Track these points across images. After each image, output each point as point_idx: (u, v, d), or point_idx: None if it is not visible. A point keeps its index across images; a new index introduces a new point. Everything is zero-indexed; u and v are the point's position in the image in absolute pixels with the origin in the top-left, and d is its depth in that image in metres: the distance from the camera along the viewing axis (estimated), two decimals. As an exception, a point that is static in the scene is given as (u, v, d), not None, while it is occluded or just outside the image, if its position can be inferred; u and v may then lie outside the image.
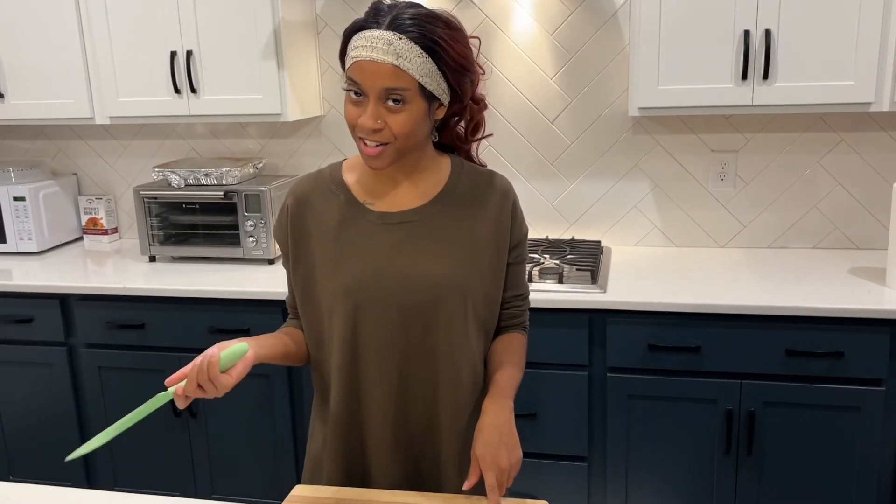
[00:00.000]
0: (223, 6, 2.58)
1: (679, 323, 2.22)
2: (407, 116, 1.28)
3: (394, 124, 1.28)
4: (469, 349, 1.41)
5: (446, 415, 1.41)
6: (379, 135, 1.29)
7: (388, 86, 1.26)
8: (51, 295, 2.64)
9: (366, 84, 1.27)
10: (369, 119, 1.27)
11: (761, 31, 2.26)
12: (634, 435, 2.32)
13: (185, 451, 2.66)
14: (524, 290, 1.54)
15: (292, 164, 3.04)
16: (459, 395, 1.41)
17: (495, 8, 2.73)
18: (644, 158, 2.75)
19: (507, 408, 1.35)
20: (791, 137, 2.64)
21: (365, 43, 1.26)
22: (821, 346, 2.15)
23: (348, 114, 1.31)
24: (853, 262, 2.52)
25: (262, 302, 2.47)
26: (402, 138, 1.29)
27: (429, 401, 1.40)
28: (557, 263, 2.49)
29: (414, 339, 1.37)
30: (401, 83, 1.26)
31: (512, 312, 1.51)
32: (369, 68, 1.25)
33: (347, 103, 1.31)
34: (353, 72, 1.27)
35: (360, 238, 1.38)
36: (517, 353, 1.48)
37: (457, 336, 1.38)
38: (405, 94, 1.26)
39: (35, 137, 3.27)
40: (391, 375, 1.39)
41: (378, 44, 1.25)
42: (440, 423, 1.41)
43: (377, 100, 1.27)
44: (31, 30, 2.75)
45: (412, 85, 1.27)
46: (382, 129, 1.28)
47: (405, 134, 1.29)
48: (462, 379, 1.41)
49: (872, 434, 2.17)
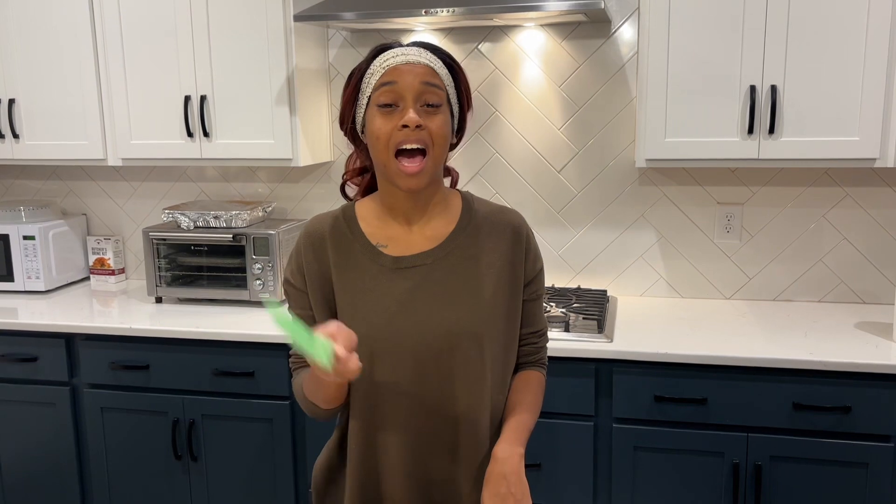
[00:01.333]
0: (238, 52, 2.63)
1: (685, 374, 2.21)
2: (444, 119, 1.33)
3: (432, 125, 1.31)
4: (487, 393, 1.39)
5: (466, 462, 1.39)
6: (420, 133, 1.29)
7: (428, 80, 1.30)
8: (56, 334, 2.64)
9: (403, 82, 1.29)
10: (414, 115, 1.29)
11: (767, 86, 2.29)
12: (640, 487, 2.29)
13: (185, 495, 2.62)
14: (541, 326, 1.52)
15: (301, 208, 3.06)
16: (479, 441, 1.39)
17: (504, 59, 2.78)
18: (650, 209, 2.77)
19: (518, 455, 1.33)
20: (796, 191, 2.66)
21: (396, 53, 1.32)
22: (828, 400, 2.14)
23: (380, 127, 1.31)
24: (860, 316, 2.52)
25: (268, 345, 2.46)
26: (438, 143, 1.32)
27: (448, 448, 1.38)
28: (564, 312, 2.49)
29: (431, 386, 1.36)
30: (437, 80, 1.32)
31: (528, 349, 1.50)
32: (406, 69, 1.30)
33: (377, 119, 1.31)
34: (388, 75, 1.30)
35: (374, 284, 1.38)
36: (533, 394, 1.46)
37: (474, 381, 1.37)
38: (440, 94, 1.32)
39: (47, 177, 3.30)
40: (409, 423, 1.37)
41: (410, 52, 1.32)
42: (460, 471, 1.39)
43: (415, 100, 1.30)
44: (48, 72, 2.80)
45: (444, 87, 1.34)
46: (423, 129, 1.30)
47: (442, 138, 1.32)
48: (481, 424, 1.39)
49: (881, 491, 2.14)
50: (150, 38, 2.69)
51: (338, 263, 1.41)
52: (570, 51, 2.73)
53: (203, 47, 2.65)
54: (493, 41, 2.78)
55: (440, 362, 1.35)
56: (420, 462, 1.39)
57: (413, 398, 1.36)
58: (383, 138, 1.30)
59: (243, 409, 2.52)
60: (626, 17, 2.67)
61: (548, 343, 1.56)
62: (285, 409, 2.49)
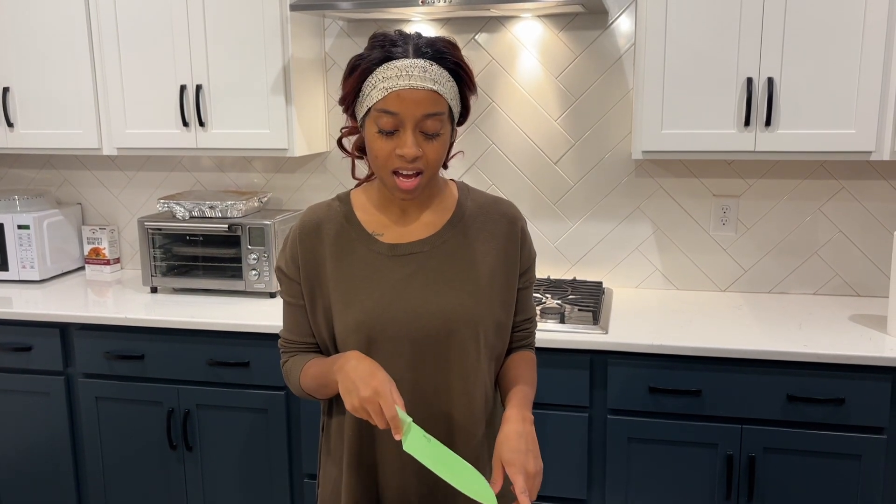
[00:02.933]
0: (234, 42, 2.62)
1: (680, 366, 2.22)
2: (441, 144, 1.31)
3: (430, 152, 1.30)
4: (482, 379, 1.41)
5: (461, 446, 1.40)
6: (417, 163, 1.29)
7: (429, 112, 1.27)
8: (50, 324, 2.64)
9: (405, 112, 1.27)
10: (412, 148, 1.28)
11: (764, 78, 2.29)
12: (634, 478, 2.30)
13: (179, 485, 2.63)
14: (532, 313, 1.56)
15: (297, 198, 3.06)
16: (474, 426, 1.41)
17: (501, 50, 2.78)
18: (646, 201, 2.77)
19: (529, 419, 1.34)
20: (792, 184, 2.66)
21: (399, 73, 1.27)
22: (822, 392, 2.14)
23: (381, 149, 1.30)
24: (854, 308, 2.53)
25: (263, 335, 2.46)
26: (434, 166, 1.32)
27: (443, 433, 1.40)
28: (559, 303, 2.49)
29: (427, 373, 1.37)
30: (438, 108, 1.28)
31: (520, 335, 1.53)
32: (409, 96, 1.26)
33: (377, 139, 1.30)
34: (390, 103, 1.27)
35: (371, 271, 1.39)
36: (529, 371, 1.48)
37: (470, 368, 1.38)
38: (441, 119, 1.29)
39: (41, 167, 3.29)
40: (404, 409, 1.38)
41: (414, 71, 1.27)
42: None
43: (414, 128, 1.28)
44: (43, 60, 2.79)
45: (446, 109, 1.30)
46: (421, 157, 1.29)
47: (439, 160, 1.32)
48: (476, 410, 1.41)
49: (874, 483, 2.15)
50: (145, 27, 2.68)
51: (333, 252, 1.41)
52: (567, 42, 2.72)
53: (199, 36, 2.64)
54: (490, 32, 2.77)
55: (436, 349, 1.37)
56: None
57: (409, 384, 1.37)
58: (381, 159, 1.31)
59: (238, 399, 2.52)
60: (624, 8, 2.66)
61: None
62: (280, 399, 2.49)
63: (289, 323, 1.49)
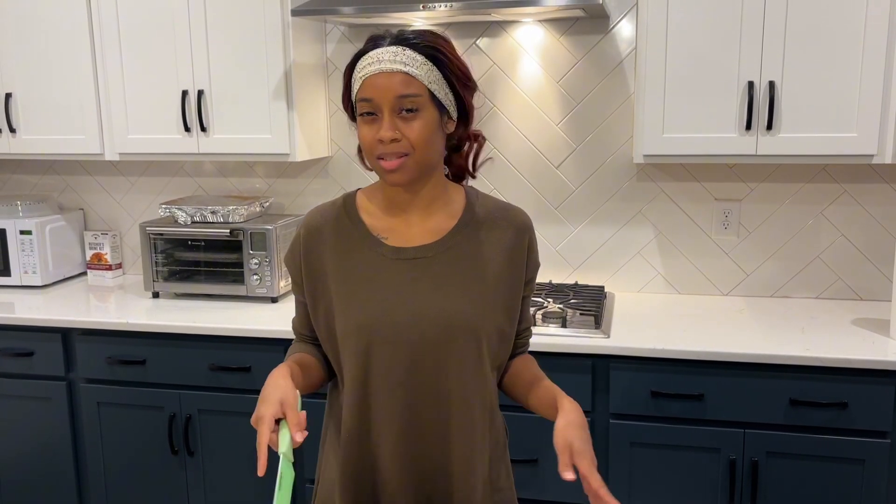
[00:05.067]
0: (236, 47, 2.62)
1: (682, 370, 2.21)
2: (422, 124, 1.31)
3: (410, 133, 1.30)
4: (482, 387, 1.40)
5: (458, 454, 1.39)
6: (397, 145, 1.30)
7: (401, 93, 1.29)
8: (52, 329, 2.64)
9: (378, 97, 1.29)
10: (387, 130, 1.29)
11: (765, 82, 2.29)
12: (637, 483, 2.30)
13: (181, 490, 2.62)
14: (531, 322, 1.58)
15: (299, 203, 3.06)
16: (472, 434, 1.39)
17: (503, 55, 2.78)
18: (648, 205, 2.76)
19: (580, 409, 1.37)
20: (794, 187, 2.66)
21: (371, 60, 1.31)
22: (825, 396, 2.14)
23: (364, 136, 1.33)
24: (856, 312, 2.52)
25: (265, 340, 2.46)
26: (419, 148, 1.31)
27: (441, 440, 1.39)
28: (561, 308, 2.49)
29: (426, 378, 1.36)
30: (412, 89, 1.30)
31: (518, 342, 1.53)
32: (380, 81, 1.29)
33: (362, 127, 1.33)
34: (365, 90, 1.31)
35: (373, 273, 1.38)
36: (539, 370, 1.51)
37: (469, 375, 1.37)
38: (417, 100, 1.30)
39: (44, 172, 3.30)
40: (402, 414, 1.37)
41: (384, 56, 1.30)
42: (452, 463, 1.39)
43: (391, 112, 1.30)
44: (45, 66, 2.80)
45: (423, 91, 1.31)
46: (400, 140, 1.30)
47: (423, 142, 1.32)
48: (475, 418, 1.39)
49: (877, 487, 2.15)
50: (147, 33, 2.68)
51: (336, 253, 1.41)
52: (568, 46, 2.72)
53: (200, 42, 2.64)
54: (491, 36, 2.78)
55: (436, 354, 1.36)
56: (413, 451, 1.39)
57: (407, 388, 1.36)
58: (366, 146, 1.34)
59: (240, 404, 2.52)
60: (625, 12, 2.67)
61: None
62: (282, 405, 2.49)
63: (296, 314, 1.53)
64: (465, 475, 1.40)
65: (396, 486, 1.40)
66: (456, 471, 1.40)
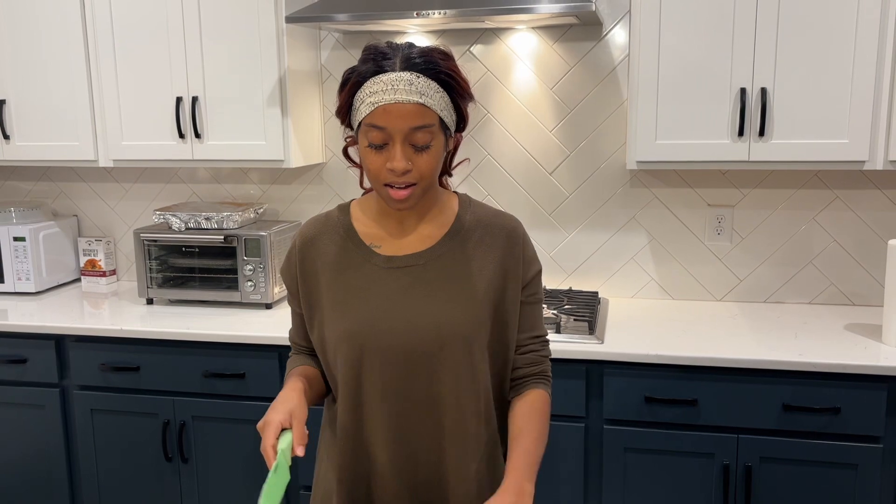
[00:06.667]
0: (230, 54, 2.63)
1: (676, 376, 2.22)
2: (432, 156, 1.31)
3: (421, 164, 1.30)
4: (476, 395, 1.39)
5: (452, 461, 1.39)
6: (408, 176, 1.30)
7: (416, 125, 1.27)
8: (46, 336, 2.63)
9: (392, 127, 1.27)
10: (401, 161, 1.28)
11: (757, 89, 2.31)
12: (630, 488, 2.30)
13: (175, 497, 2.62)
14: (542, 332, 1.49)
15: (293, 209, 3.06)
16: (466, 441, 1.39)
17: (496, 61, 2.79)
18: (641, 211, 2.77)
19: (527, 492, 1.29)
20: (787, 193, 2.67)
21: (385, 87, 1.27)
22: (818, 401, 2.15)
23: (372, 163, 1.30)
24: (849, 318, 2.54)
25: (259, 347, 2.46)
26: (427, 178, 1.32)
27: (434, 446, 1.39)
28: (555, 313, 2.49)
29: (419, 385, 1.37)
30: (426, 120, 1.28)
31: (530, 357, 1.46)
32: (395, 110, 1.26)
33: (369, 154, 1.30)
34: (377, 117, 1.27)
35: (366, 282, 1.39)
36: (539, 418, 1.41)
37: (462, 382, 1.37)
38: (431, 130, 1.29)
39: (37, 179, 3.29)
40: (395, 422, 1.38)
41: (400, 85, 1.27)
42: (446, 469, 1.40)
43: (403, 141, 1.28)
44: (39, 73, 2.80)
45: (435, 120, 1.30)
46: (411, 171, 1.30)
47: (431, 172, 1.32)
48: (468, 425, 1.39)
49: (870, 492, 2.15)
50: (141, 40, 2.69)
51: (330, 264, 1.42)
52: (561, 53, 2.74)
53: (195, 49, 2.65)
54: (485, 43, 2.79)
55: (428, 361, 1.36)
56: (408, 458, 1.39)
57: (400, 395, 1.37)
58: (373, 173, 1.32)
59: (234, 411, 2.52)
60: (618, 19, 2.68)
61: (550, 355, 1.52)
62: (276, 411, 2.49)
63: (293, 325, 1.53)
64: (458, 482, 1.40)
65: (392, 492, 1.41)
66: (450, 478, 1.40)
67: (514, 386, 1.46)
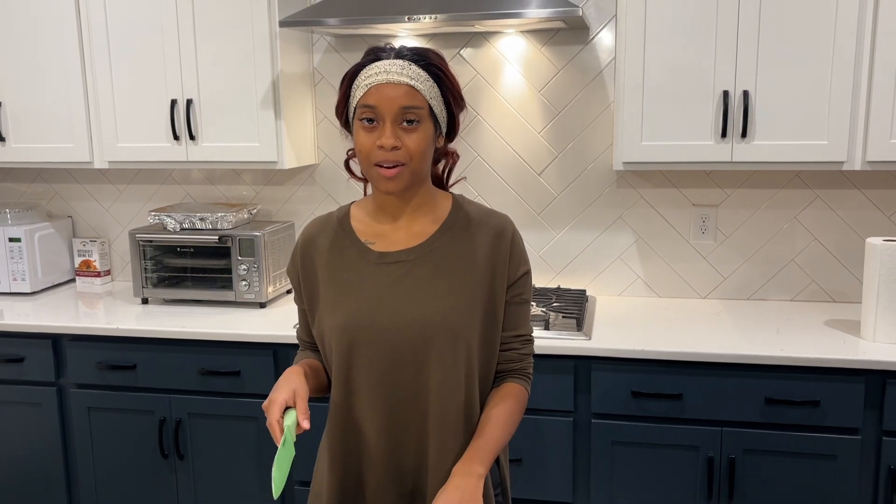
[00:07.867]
0: (224, 57, 2.67)
1: (662, 370, 2.27)
2: (421, 136, 1.38)
3: (410, 143, 1.37)
4: (460, 388, 1.43)
5: (434, 452, 1.44)
6: (396, 153, 1.36)
7: (405, 104, 1.36)
8: (42, 335, 2.66)
9: (383, 105, 1.35)
10: (389, 138, 1.35)
11: (740, 91, 2.37)
12: (618, 480, 2.35)
13: (171, 494, 2.65)
14: (525, 331, 1.52)
15: (286, 210, 3.10)
16: (447, 433, 1.43)
17: (486, 64, 2.84)
18: (628, 211, 2.83)
19: (476, 475, 1.34)
20: (769, 193, 2.74)
21: (379, 70, 1.37)
22: (798, 394, 2.21)
23: (362, 142, 1.38)
24: (829, 314, 2.60)
25: (253, 345, 2.50)
26: (416, 158, 1.38)
27: (419, 438, 1.44)
28: (544, 311, 2.55)
29: (406, 377, 1.42)
30: (416, 102, 1.37)
31: (510, 355, 1.50)
32: (387, 90, 1.35)
33: (360, 133, 1.39)
34: (370, 97, 1.36)
35: (359, 277, 1.45)
36: (509, 409, 1.45)
37: (448, 375, 1.41)
38: (419, 112, 1.37)
39: (32, 180, 3.32)
40: (384, 412, 1.43)
41: (393, 68, 1.37)
42: (429, 460, 1.45)
43: (393, 121, 1.36)
44: (34, 75, 2.82)
45: (424, 105, 1.38)
46: (400, 148, 1.36)
47: (420, 153, 1.38)
48: (450, 417, 1.43)
49: (849, 482, 2.22)
50: (136, 42, 2.72)
51: (328, 261, 1.48)
52: (549, 56, 2.79)
53: (189, 52, 2.69)
54: (474, 47, 2.84)
55: (415, 355, 1.41)
56: (395, 447, 1.45)
57: (388, 387, 1.42)
58: (364, 152, 1.39)
59: (229, 408, 2.55)
60: (604, 23, 2.74)
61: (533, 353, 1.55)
62: (271, 408, 2.52)
63: (299, 322, 1.60)
64: (438, 473, 1.43)
65: (380, 479, 1.46)
66: (431, 468, 1.44)
67: (493, 381, 1.51)
